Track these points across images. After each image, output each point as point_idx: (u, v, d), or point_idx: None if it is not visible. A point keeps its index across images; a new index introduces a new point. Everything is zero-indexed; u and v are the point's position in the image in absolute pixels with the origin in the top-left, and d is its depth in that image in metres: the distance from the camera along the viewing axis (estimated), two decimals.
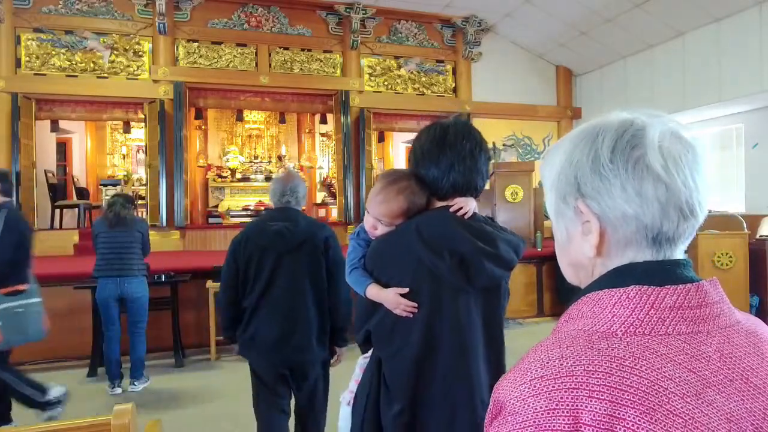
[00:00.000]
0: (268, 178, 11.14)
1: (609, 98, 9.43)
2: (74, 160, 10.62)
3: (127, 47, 7.84)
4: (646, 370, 0.53)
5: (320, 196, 12.03)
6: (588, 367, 0.53)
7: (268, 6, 8.44)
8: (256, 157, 11.65)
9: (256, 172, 11.28)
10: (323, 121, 10.91)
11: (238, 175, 11.04)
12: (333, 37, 8.76)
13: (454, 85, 9.45)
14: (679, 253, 0.63)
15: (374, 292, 1.42)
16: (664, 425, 0.50)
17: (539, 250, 6.75)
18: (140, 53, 7.91)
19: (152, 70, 7.88)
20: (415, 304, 1.36)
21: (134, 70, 7.88)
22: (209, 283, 5.01)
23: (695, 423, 0.50)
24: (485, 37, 9.47)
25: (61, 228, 8.37)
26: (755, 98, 7.13)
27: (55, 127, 8.76)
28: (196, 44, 8.14)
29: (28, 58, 7.46)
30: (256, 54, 8.38)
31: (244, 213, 9.96)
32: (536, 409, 0.53)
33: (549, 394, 0.53)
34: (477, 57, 9.48)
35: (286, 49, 8.53)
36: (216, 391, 4.09)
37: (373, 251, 1.48)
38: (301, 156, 12.18)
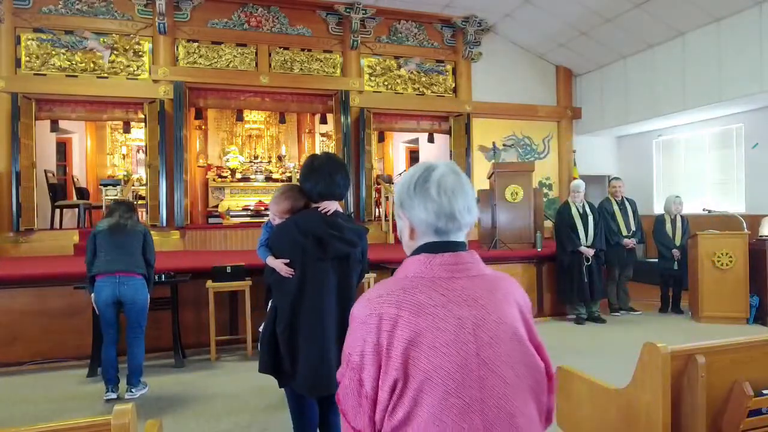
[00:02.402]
0: (268, 178, 11.14)
1: (609, 98, 9.44)
2: (74, 160, 10.62)
3: (127, 47, 7.85)
4: (416, 293, 1.05)
5: None
6: (389, 292, 1.06)
7: (268, 6, 8.44)
8: (256, 157, 11.65)
9: (256, 172, 11.27)
10: (323, 121, 10.92)
11: (238, 175, 11.03)
12: (333, 37, 8.76)
13: (454, 85, 9.45)
14: (455, 237, 1.13)
15: (271, 261, 2.36)
16: (422, 318, 1.01)
17: (539, 250, 6.74)
18: (140, 53, 7.91)
19: (152, 70, 7.88)
20: (293, 270, 2.27)
21: (134, 70, 7.88)
22: (209, 283, 5.01)
23: (437, 317, 1.02)
24: (485, 37, 9.47)
25: (61, 228, 8.37)
26: (755, 98, 7.13)
27: (55, 127, 8.76)
28: (196, 44, 8.14)
29: (28, 58, 7.47)
30: (256, 54, 8.38)
31: (244, 213, 9.95)
32: (363, 314, 1.05)
33: (369, 305, 1.05)
34: (477, 57, 9.48)
35: (286, 49, 8.53)
36: (216, 391, 4.08)
37: (272, 235, 2.43)
38: (301, 156, 12.17)
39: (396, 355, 1.00)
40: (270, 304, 2.40)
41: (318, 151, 12.39)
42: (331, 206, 2.30)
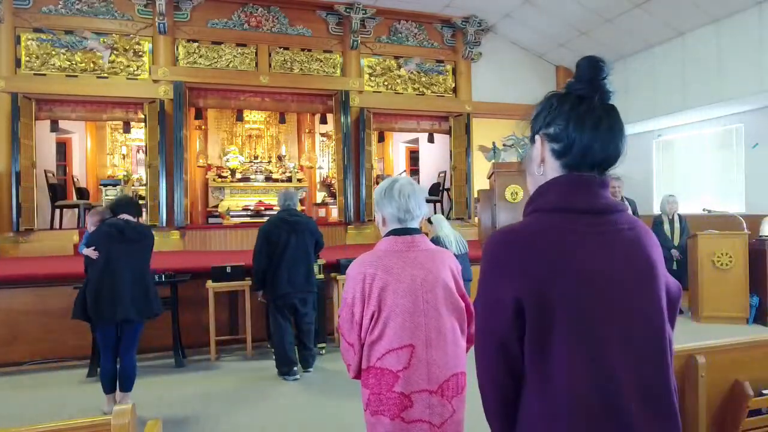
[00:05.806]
0: (268, 178, 11.13)
1: None
2: (74, 160, 10.62)
3: (127, 47, 7.84)
4: (387, 260, 1.74)
5: (320, 196, 12.01)
6: (370, 259, 1.75)
7: (268, 6, 8.44)
8: (256, 157, 11.63)
9: (256, 172, 11.25)
10: (323, 121, 10.91)
11: (238, 175, 11.00)
12: (333, 37, 8.76)
13: (454, 85, 9.45)
14: (410, 225, 1.81)
15: (85, 251, 3.78)
16: (390, 275, 1.71)
17: None
18: (140, 53, 7.91)
19: (152, 70, 7.88)
20: (97, 253, 3.66)
21: (134, 70, 7.88)
22: (209, 283, 5.01)
23: (399, 274, 1.71)
24: (485, 37, 9.47)
25: (61, 228, 8.37)
26: (755, 98, 7.13)
27: (55, 127, 8.75)
28: (196, 44, 8.14)
29: (28, 58, 7.46)
30: (256, 54, 8.38)
31: (244, 213, 9.93)
32: (354, 272, 1.75)
33: (357, 266, 1.76)
34: (477, 57, 9.48)
35: (286, 49, 8.53)
36: (216, 391, 4.09)
37: (91, 236, 3.86)
38: (301, 156, 12.16)
39: (373, 297, 1.69)
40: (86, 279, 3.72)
41: (318, 152, 12.44)
42: (126, 217, 3.85)
